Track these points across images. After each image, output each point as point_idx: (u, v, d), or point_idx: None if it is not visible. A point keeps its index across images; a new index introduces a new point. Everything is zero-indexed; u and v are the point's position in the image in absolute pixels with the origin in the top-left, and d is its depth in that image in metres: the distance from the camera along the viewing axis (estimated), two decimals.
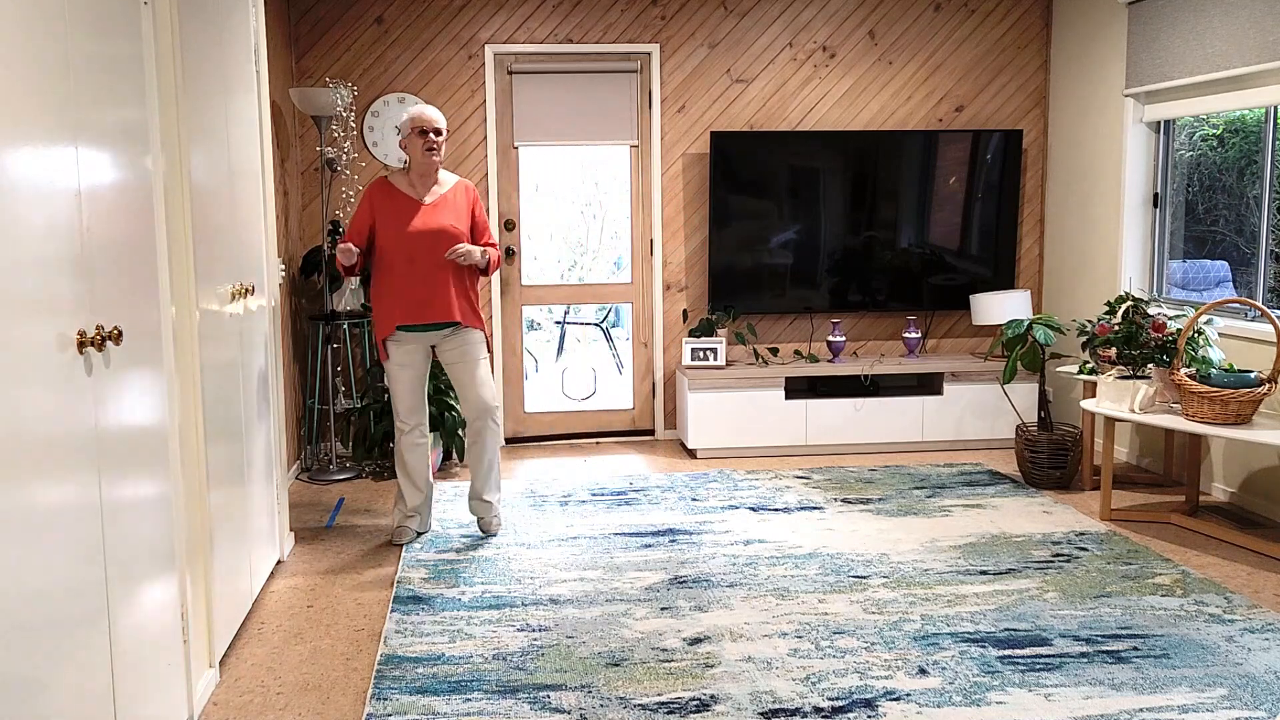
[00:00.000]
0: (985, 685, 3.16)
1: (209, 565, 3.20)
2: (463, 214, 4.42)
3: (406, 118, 4.35)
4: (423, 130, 4.32)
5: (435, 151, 4.34)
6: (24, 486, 1.93)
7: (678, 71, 6.23)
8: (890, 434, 6.08)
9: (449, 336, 4.43)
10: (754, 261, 6.27)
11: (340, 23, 6.02)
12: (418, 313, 4.35)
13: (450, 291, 4.37)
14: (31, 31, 2.03)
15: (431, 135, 4.33)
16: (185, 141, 3.06)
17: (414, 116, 4.33)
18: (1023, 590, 3.92)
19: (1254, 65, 4.75)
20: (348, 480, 5.63)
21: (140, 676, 2.55)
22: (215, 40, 3.48)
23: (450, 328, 4.41)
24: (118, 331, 2.36)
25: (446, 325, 4.40)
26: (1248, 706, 3.02)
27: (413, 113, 4.34)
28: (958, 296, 6.42)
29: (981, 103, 6.44)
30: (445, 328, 4.41)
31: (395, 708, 3.07)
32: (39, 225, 2.03)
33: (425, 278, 4.33)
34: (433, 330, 4.40)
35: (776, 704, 3.06)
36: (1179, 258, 5.62)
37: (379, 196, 4.37)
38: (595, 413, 6.50)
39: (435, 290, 4.35)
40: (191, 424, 3.11)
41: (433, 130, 4.33)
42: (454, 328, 4.42)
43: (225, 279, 3.51)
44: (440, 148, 4.35)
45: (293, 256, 5.88)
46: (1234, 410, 4.26)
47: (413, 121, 4.33)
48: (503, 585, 4.04)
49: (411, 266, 4.33)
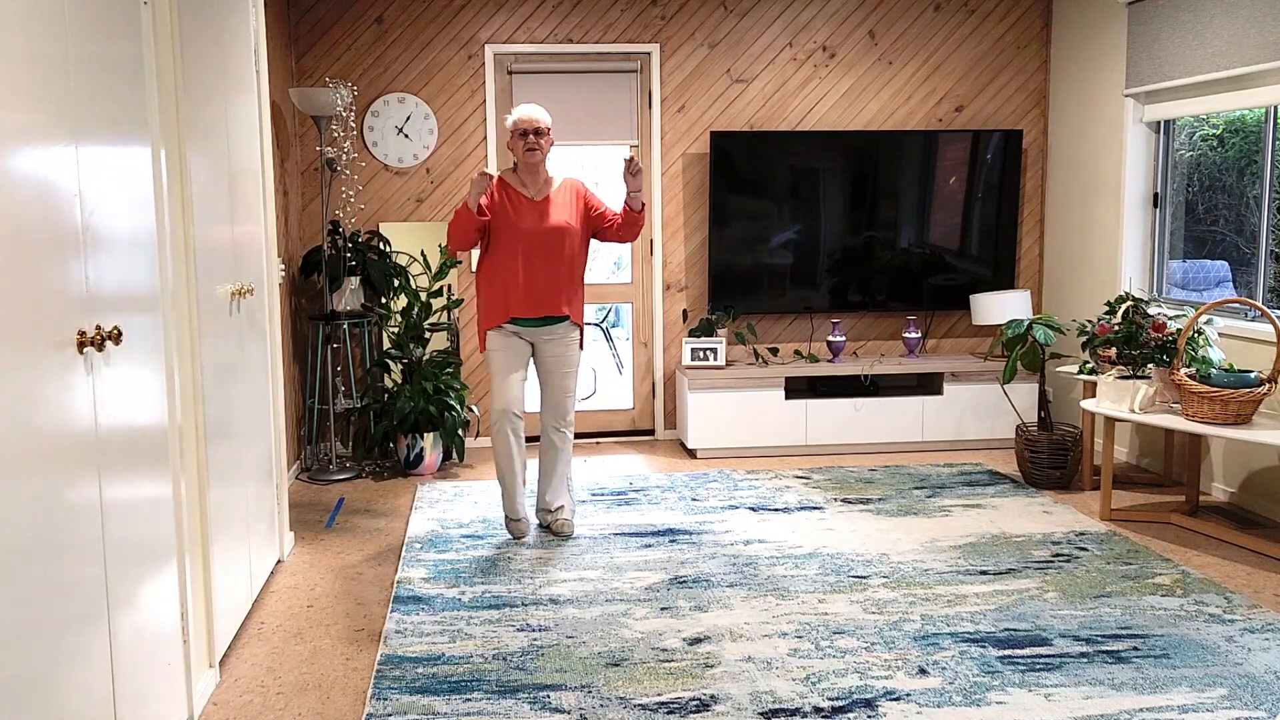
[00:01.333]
0: (985, 685, 3.16)
1: (209, 565, 3.20)
2: (576, 210, 4.48)
3: (509, 120, 4.44)
4: (523, 132, 4.39)
5: (536, 151, 4.40)
6: (24, 486, 1.93)
7: (678, 71, 6.23)
8: (890, 434, 6.08)
9: (552, 336, 4.50)
10: (754, 261, 6.27)
11: (340, 23, 6.02)
12: (533, 306, 4.43)
13: (564, 287, 4.46)
14: (31, 31, 2.03)
15: (531, 136, 4.39)
16: (185, 141, 3.06)
17: (516, 119, 4.41)
18: (1023, 590, 3.92)
19: (1254, 65, 4.75)
20: (348, 480, 5.63)
21: (140, 676, 2.55)
22: (215, 40, 3.48)
23: (557, 323, 4.49)
24: (118, 331, 2.36)
25: (556, 321, 4.48)
26: (1248, 706, 3.02)
27: (513, 115, 4.43)
28: (958, 296, 6.42)
29: (981, 103, 6.44)
30: (553, 323, 4.48)
31: (395, 708, 3.07)
32: (39, 225, 2.03)
33: (541, 273, 4.42)
34: (540, 325, 4.47)
35: (776, 704, 3.06)
36: (1179, 258, 5.62)
37: (499, 192, 4.45)
38: (595, 413, 6.50)
39: (550, 286, 4.43)
40: (191, 424, 3.11)
41: (533, 130, 4.38)
42: (561, 324, 4.50)
43: (225, 279, 3.51)
44: (541, 148, 4.41)
45: (293, 256, 5.88)
46: (1234, 410, 4.26)
47: (514, 124, 4.41)
48: (503, 585, 4.04)
49: (528, 262, 4.40)
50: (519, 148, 4.41)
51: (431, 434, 5.64)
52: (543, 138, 4.39)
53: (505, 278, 4.42)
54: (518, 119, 4.40)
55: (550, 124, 4.44)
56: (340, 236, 5.78)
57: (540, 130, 4.38)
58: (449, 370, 5.75)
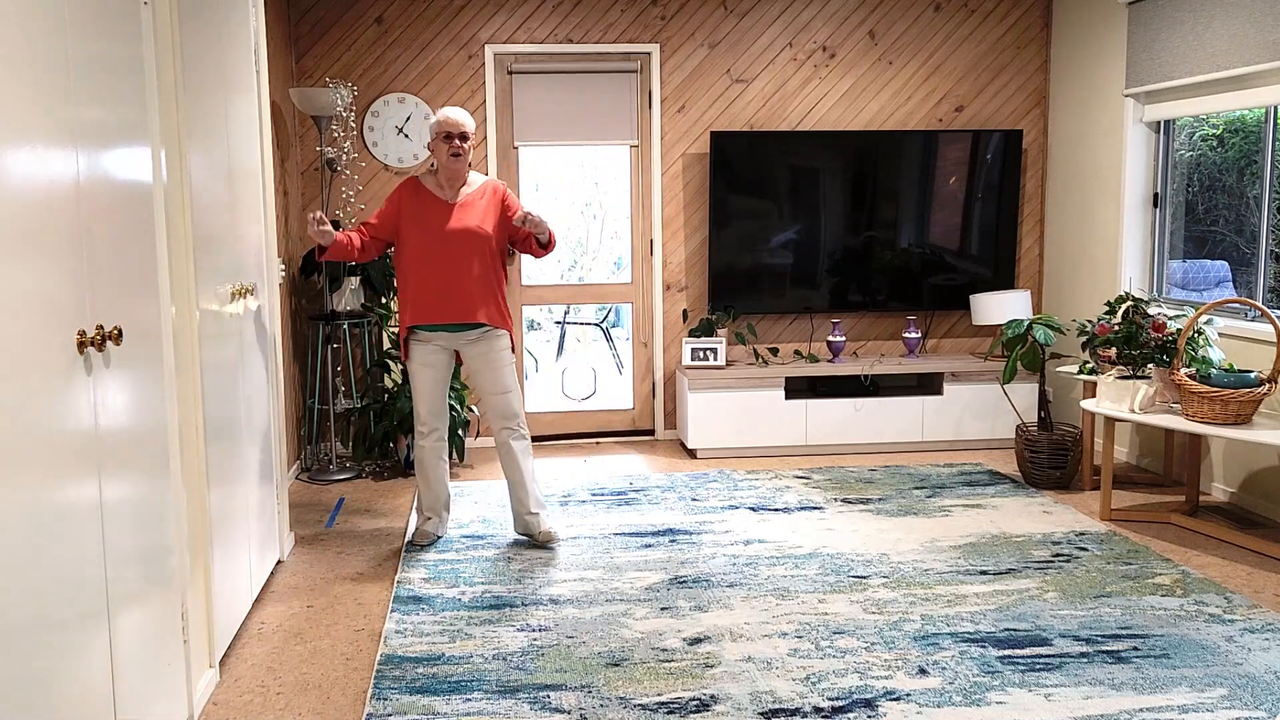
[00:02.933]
0: (985, 685, 3.16)
1: (209, 565, 3.20)
2: (490, 214, 4.39)
3: (434, 120, 4.34)
4: (448, 135, 4.31)
5: (460, 156, 4.33)
6: (24, 486, 1.93)
7: (678, 71, 6.23)
8: (890, 434, 6.08)
9: (475, 341, 4.40)
10: (754, 261, 6.27)
11: (340, 23, 6.02)
12: (441, 312, 4.33)
13: (475, 292, 4.35)
14: (31, 31, 2.03)
15: (457, 140, 4.32)
16: (185, 141, 3.06)
17: (440, 120, 4.32)
18: (1023, 590, 3.92)
19: (1254, 65, 4.75)
20: (348, 480, 5.63)
21: (140, 676, 2.55)
22: (215, 40, 3.48)
23: (476, 330, 4.38)
24: (118, 331, 2.36)
25: (471, 327, 4.37)
26: (1248, 706, 3.02)
27: (439, 116, 4.33)
28: (958, 296, 6.42)
29: (981, 103, 6.44)
30: (470, 329, 4.37)
31: (395, 708, 3.07)
32: (39, 226, 2.03)
33: (449, 278, 4.32)
34: (457, 331, 4.37)
35: (776, 704, 3.06)
36: (1179, 258, 5.62)
37: (408, 195, 4.38)
38: (595, 413, 6.50)
39: (460, 290, 4.33)
40: (191, 424, 3.11)
41: (458, 135, 4.32)
42: (480, 330, 4.39)
43: (225, 279, 3.51)
44: (466, 152, 4.34)
45: (293, 256, 5.88)
46: (1234, 410, 4.26)
47: (438, 126, 4.32)
48: (503, 585, 4.04)
49: (436, 266, 4.31)
50: (443, 150, 4.32)
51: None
52: (467, 142, 4.33)
53: (415, 281, 4.33)
54: (444, 120, 4.31)
55: (473, 129, 4.38)
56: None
57: (465, 135, 4.32)
58: None
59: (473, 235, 4.33)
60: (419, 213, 4.34)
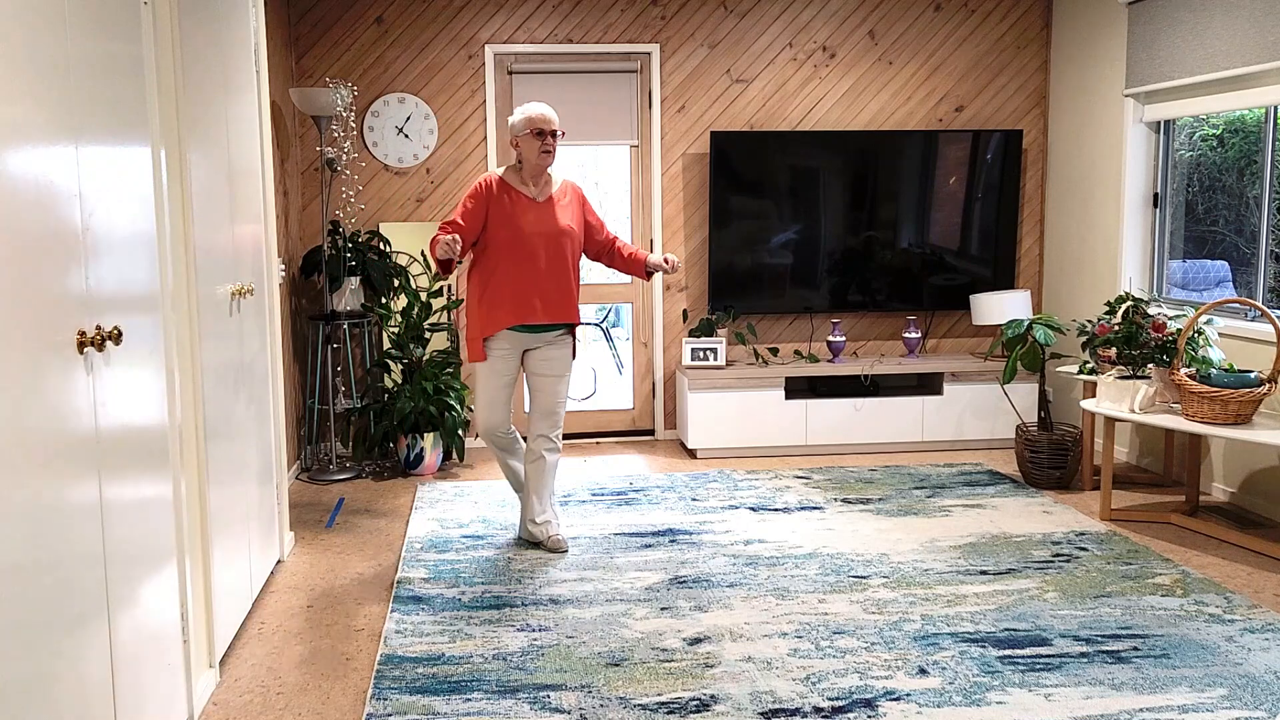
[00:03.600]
0: (985, 685, 3.16)
1: (209, 565, 3.20)
2: (577, 215, 4.36)
3: (523, 117, 4.25)
4: (539, 131, 4.22)
5: (550, 154, 4.26)
6: (24, 486, 1.93)
7: (678, 71, 6.23)
8: (890, 434, 6.08)
9: (551, 343, 4.35)
10: (754, 261, 6.27)
11: (340, 23, 6.02)
12: (534, 311, 4.26)
13: (568, 292, 4.32)
14: (31, 31, 2.03)
15: (549, 137, 4.24)
16: (185, 141, 3.06)
17: (532, 117, 4.23)
18: (1023, 590, 3.92)
19: (1254, 65, 4.75)
20: (348, 480, 5.63)
21: (140, 676, 2.55)
22: (215, 40, 3.48)
23: (556, 331, 4.35)
24: (118, 331, 2.36)
25: (555, 329, 4.34)
26: (1248, 706, 3.01)
27: (530, 113, 4.24)
28: (958, 296, 6.42)
29: (981, 103, 6.44)
30: (552, 330, 4.34)
31: (395, 708, 3.07)
32: (39, 225, 2.03)
33: (544, 277, 4.26)
34: (540, 332, 4.32)
35: (776, 704, 3.06)
36: (1179, 258, 5.62)
37: (495, 193, 4.27)
38: (595, 413, 6.50)
39: (553, 290, 4.28)
40: (191, 424, 3.11)
41: (550, 132, 4.24)
42: (560, 332, 4.36)
43: (225, 279, 3.51)
44: (555, 150, 4.28)
45: (293, 256, 5.89)
46: (1234, 410, 4.26)
47: (529, 122, 4.23)
48: (503, 585, 4.03)
49: (528, 266, 4.24)
50: (534, 147, 4.22)
51: (431, 434, 5.64)
52: (556, 139, 4.27)
53: (505, 281, 4.24)
54: (536, 117, 4.22)
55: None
56: (340, 236, 5.78)
57: (556, 132, 4.25)
58: (449, 370, 5.75)
59: (566, 235, 4.29)
60: (509, 211, 4.25)
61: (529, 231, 4.24)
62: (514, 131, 4.28)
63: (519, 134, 4.26)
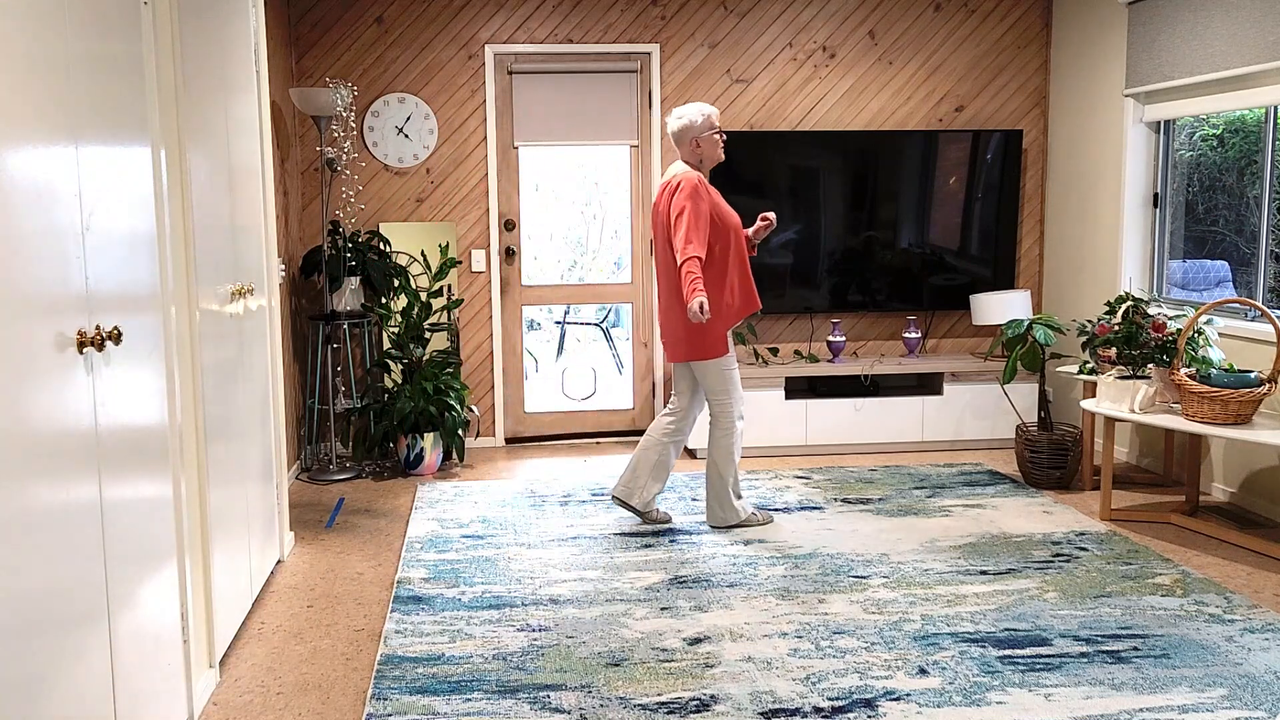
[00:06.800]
0: (985, 685, 3.16)
1: (209, 565, 3.20)
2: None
3: (704, 117, 4.36)
4: (719, 129, 4.42)
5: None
6: (24, 486, 1.93)
7: (678, 71, 6.23)
8: (890, 434, 6.08)
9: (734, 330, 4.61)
10: (754, 261, 6.27)
11: (340, 23, 6.02)
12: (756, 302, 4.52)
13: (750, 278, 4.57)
14: (31, 31, 2.03)
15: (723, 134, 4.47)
16: (185, 141, 3.06)
17: (711, 115, 4.38)
18: (1023, 590, 3.92)
19: (1254, 65, 4.75)
20: (348, 480, 5.63)
21: (140, 676, 2.55)
22: (215, 40, 3.48)
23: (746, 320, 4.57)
24: (118, 331, 2.36)
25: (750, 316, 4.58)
26: (1248, 706, 3.02)
27: (706, 111, 4.38)
28: (958, 296, 6.42)
29: (981, 103, 6.44)
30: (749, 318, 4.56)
31: (395, 708, 3.07)
32: (39, 225, 2.03)
33: (747, 270, 4.49)
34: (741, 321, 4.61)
35: (776, 704, 3.06)
36: (1179, 258, 5.62)
37: (712, 196, 4.40)
38: (595, 413, 6.50)
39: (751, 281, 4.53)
40: (191, 424, 3.11)
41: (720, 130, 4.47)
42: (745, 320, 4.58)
43: (225, 279, 3.51)
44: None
45: (293, 256, 5.89)
46: (1234, 410, 4.26)
47: (710, 120, 4.37)
48: (503, 585, 4.04)
49: (740, 261, 4.46)
50: (718, 144, 4.42)
51: (431, 434, 5.64)
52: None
53: (734, 279, 4.43)
54: (715, 114, 4.39)
55: None
56: (340, 236, 5.78)
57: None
58: (449, 370, 5.75)
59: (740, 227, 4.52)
60: (722, 213, 4.41)
61: (735, 229, 4.45)
62: (694, 132, 4.39)
63: (701, 134, 4.39)
